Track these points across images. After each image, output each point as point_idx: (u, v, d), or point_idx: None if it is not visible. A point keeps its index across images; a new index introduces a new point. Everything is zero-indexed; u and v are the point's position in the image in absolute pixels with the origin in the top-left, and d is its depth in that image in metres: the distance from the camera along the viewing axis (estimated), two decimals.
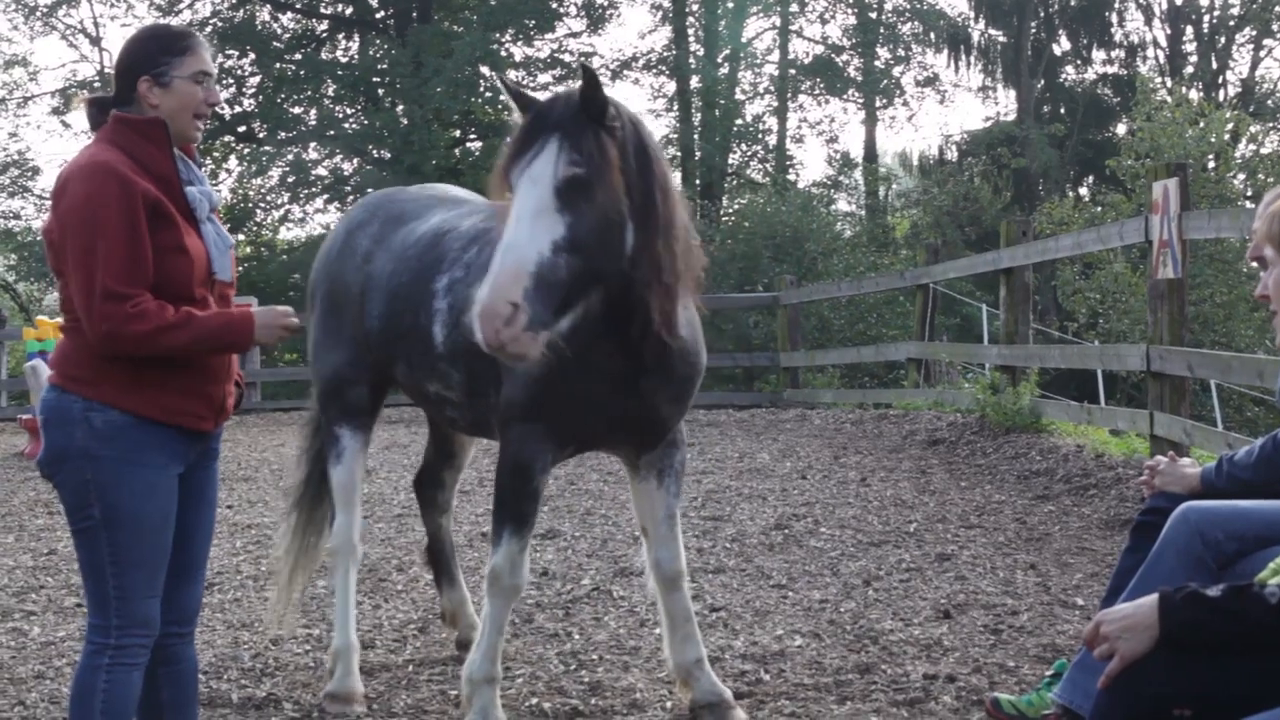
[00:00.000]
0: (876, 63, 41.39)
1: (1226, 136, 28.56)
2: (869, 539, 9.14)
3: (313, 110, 37.98)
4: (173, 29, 4.48)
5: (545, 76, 38.73)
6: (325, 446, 6.44)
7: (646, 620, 7.15)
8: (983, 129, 43.27)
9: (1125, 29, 45.24)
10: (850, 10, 42.33)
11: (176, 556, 4.39)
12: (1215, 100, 35.44)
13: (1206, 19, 44.67)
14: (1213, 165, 27.58)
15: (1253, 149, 30.84)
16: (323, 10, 40.42)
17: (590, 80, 4.59)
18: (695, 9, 40.12)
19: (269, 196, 39.17)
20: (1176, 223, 10.16)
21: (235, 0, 38.74)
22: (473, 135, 39.36)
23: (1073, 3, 44.25)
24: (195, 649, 4.67)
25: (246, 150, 38.58)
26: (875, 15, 42.13)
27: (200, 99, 4.35)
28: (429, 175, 31.29)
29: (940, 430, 13.90)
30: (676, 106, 40.27)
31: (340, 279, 6.33)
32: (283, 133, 36.74)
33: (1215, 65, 44.08)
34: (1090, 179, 41.78)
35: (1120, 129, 39.30)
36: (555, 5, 38.41)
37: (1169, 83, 37.05)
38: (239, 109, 38.55)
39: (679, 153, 39.89)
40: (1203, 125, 27.48)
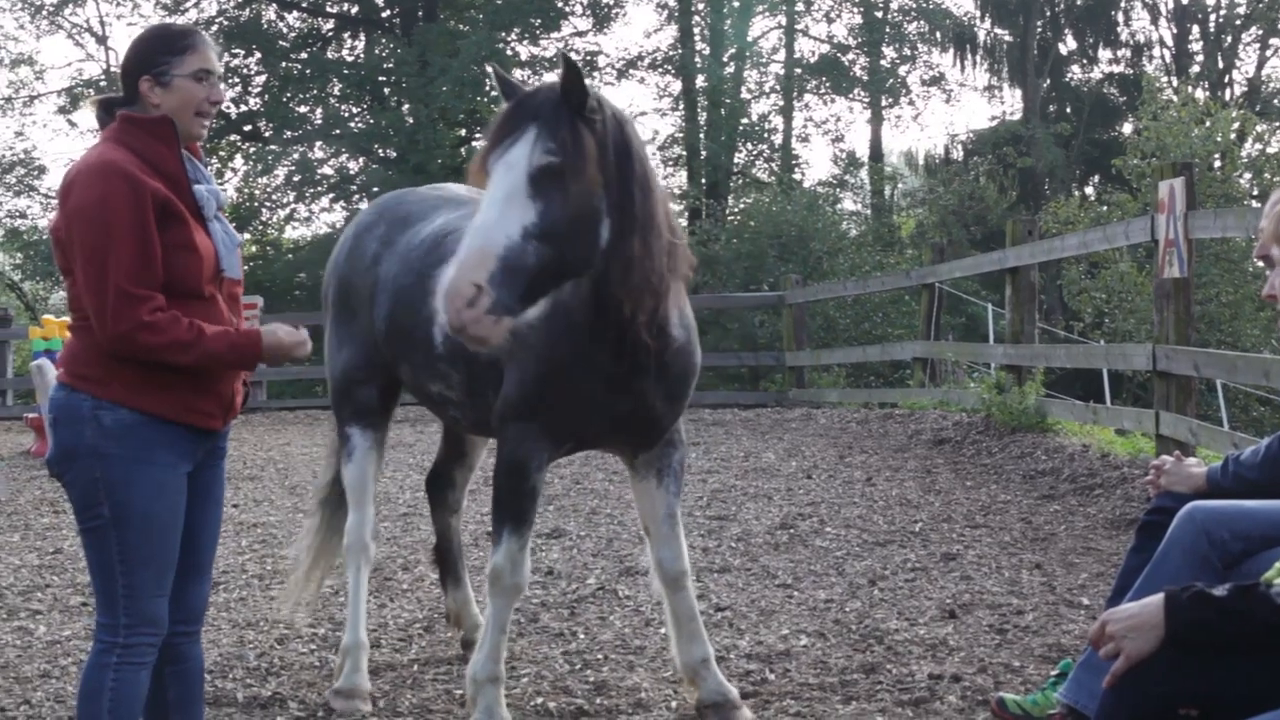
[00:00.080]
0: (882, 62, 41.31)
1: (1232, 136, 28.51)
2: (874, 539, 9.13)
3: (318, 109, 37.97)
4: (175, 28, 4.49)
5: (551, 76, 38.63)
6: (338, 446, 6.52)
7: (652, 620, 7.15)
8: (988, 128, 43.21)
9: (1131, 28, 45.17)
10: (856, 9, 42.28)
11: (183, 555, 4.39)
12: (1221, 99, 35.34)
13: (1213, 18, 44.59)
14: (1219, 164, 27.56)
15: (1259, 148, 30.77)
16: (329, 9, 40.40)
17: (571, 71, 4.59)
18: (701, 8, 40.05)
19: (275, 196, 39.18)
20: (1182, 222, 10.15)
21: None
22: (478, 134, 39.28)
23: (1079, 2, 44.16)
24: (202, 648, 4.67)
25: (252, 149, 38.56)
26: (881, 14, 42.05)
27: (202, 97, 4.34)
28: (435, 175, 31.29)
29: (946, 430, 13.90)
30: (682, 105, 40.22)
31: (349, 281, 6.36)
32: (288, 132, 36.72)
33: (1221, 64, 44.00)
34: (1096, 178, 41.67)
35: (1126, 128, 39.27)
36: (561, 4, 38.36)
37: (1175, 82, 37.05)
38: (245, 108, 38.54)
39: (684, 152, 39.89)
40: (1209, 124, 27.43)
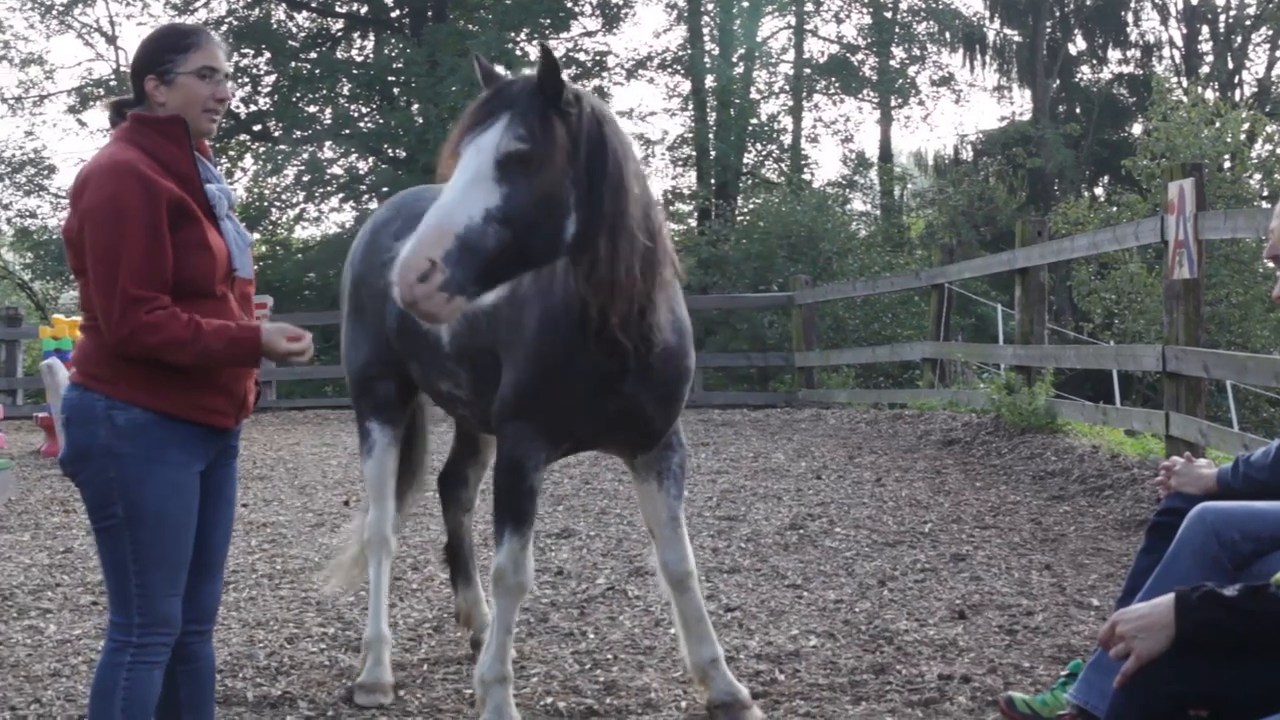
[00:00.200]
0: (892, 62, 41.33)
1: (1242, 136, 28.48)
2: (884, 539, 9.13)
3: (328, 109, 37.98)
4: (181, 27, 4.51)
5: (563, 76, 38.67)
6: (358, 441, 6.59)
7: (661, 620, 7.15)
8: (998, 129, 43.20)
9: (1141, 29, 45.21)
10: (865, 10, 42.27)
11: (195, 554, 4.40)
12: (1231, 100, 35.36)
13: (1222, 18, 44.58)
14: (1229, 165, 27.52)
15: (1269, 149, 30.73)
16: (338, 9, 40.43)
17: (548, 62, 4.59)
18: (710, 8, 40.08)
19: (284, 195, 39.18)
20: (1192, 223, 10.14)
21: None
22: None
23: (1088, 2, 44.18)
24: (213, 647, 4.68)
25: (262, 149, 38.59)
26: (890, 15, 42.08)
27: (207, 94, 4.35)
28: None
29: (955, 430, 13.89)
30: (691, 106, 40.23)
31: (365, 277, 6.40)
32: (298, 132, 36.74)
33: (1231, 65, 43.99)
34: (1106, 179, 41.70)
35: (1136, 129, 39.22)
36: (570, 4, 38.40)
37: (1185, 82, 36.98)
38: (254, 108, 38.56)
39: (694, 152, 39.91)
40: (1219, 125, 27.43)
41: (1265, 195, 27.78)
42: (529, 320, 5.21)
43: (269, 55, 38.11)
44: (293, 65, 37.81)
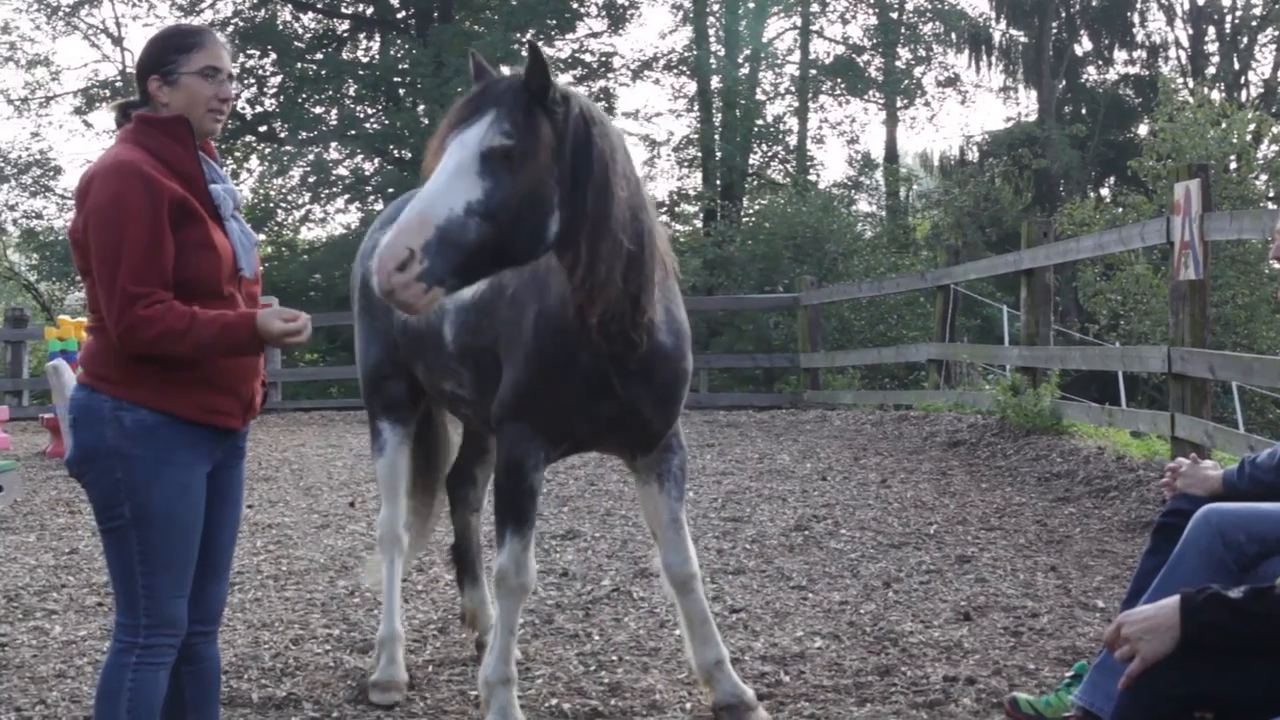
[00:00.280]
0: (897, 63, 41.33)
1: (1249, 137, 28.44)
2: (889, 541, 9.13)
3: (334, 110, 37.97)
4: (184, 28, 4.52)
5: (566, 77, 38.75)
6: (370, 440, 6.63)
7: (666, 621, 7.15)
8: (1004, 129, 43.17)
9: (1147, 29, 45.12)
10: (871, 10, 42.30)
11: (201, 555, 4.41)
12: (1237, 101, 35.25)
13: (1229, 19, 44.53)
14: (1235, 166, 27.51)
15: (1275, 150, 30.67)
16: (344, 10, 40.44)
17: (536, 60, 4.59)
18: (716, 9, 40.11)
19: (290, 196, 39.17)
20: (1198, 224, 10.14)
21: (256, 0, 38.77)
22: None
23: (1094, 3, 44.11)
24: (218, 648, 4.68)
25: (268, 150, 38.59)
26: (896, 15, 42.09)
27: (210, 94, 4.35)
28: None
29: (961, 432, 13.89)
30: (697, 107, 40.25)
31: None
32: (304, 133, 36.74)
33: (1237, 66, 43.94)
34: (1112, 180, 41.62)
35: (1142, 130, 39.22)
36: (576, 5, 38.40)
37: (1191, 83, 37.00)
38: (260, 109, 38.59)
39: (699, 153, 39.93)
40: (1225, 126, 27.38)
41: (1271, 196, 27.75)
42: (527, 321, 5.22)
43: (275, 56, 38.11)
44: (298, 66, 37.84)
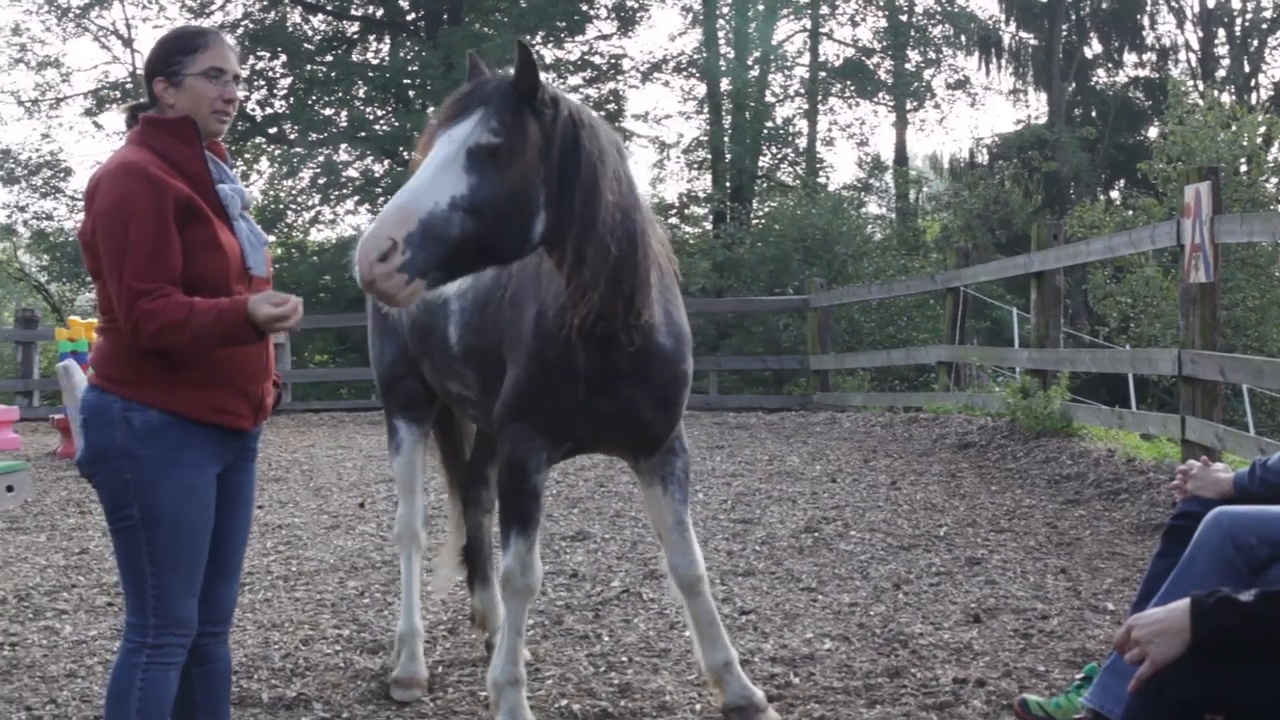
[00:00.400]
0: (907, 65, 41.32)
1: (1259, 140, 28.42)
2: (899, 542, 9.13)
3: (344, 112, 37.98)
4: (189, 29, 4.51)
5: (575, 79, 38.79)
6: (387, 438, 6.69)
7: (676, 623, 7.15)
8: (1014, 132, 43.16)
9: (1157, 32, 45.17)
10: (881, 13, 42.26)
11: (212, 556, 4.41)
12: (1247, 103, 35.26)
13: (1239, 22, 44.51)
14: (1245, 169, 27.47)
15: None
16: (353, 12, 40.46)
17: (525, 61, 4.60)
18: (726, 11, 40.08)
19: (300, 198, 39.16)
20: (1208, 226, 10.12)
21: (266, 2, 38.79)
22: None
23: (1104, 5, 44.13)
24: (229, 648, 4.69)
25: (277, 152, 38.61)
26: (906, 18, 42.05)
27: (214, 95, 4.36)
28: None
29: (970, 434, 13.87)
30: (707, 109, 40.23)
31: None
32: (314, 134, 36.76)
33: (1247, 68, 43.91)
34: (1122, 182, 41.64)
35: (1152, 132, 39.26)
36: (585, 7, 38.41)
37: (1201, 86, 36.91)
38: (270, 111, 38.58)
39: (709, 155, 39.91)
40: (1235, 129, 27.37)
41: None
42: (527, 320, 5.25)
43: (285, 58, 38.12)
44: (308, 68, 37.83)
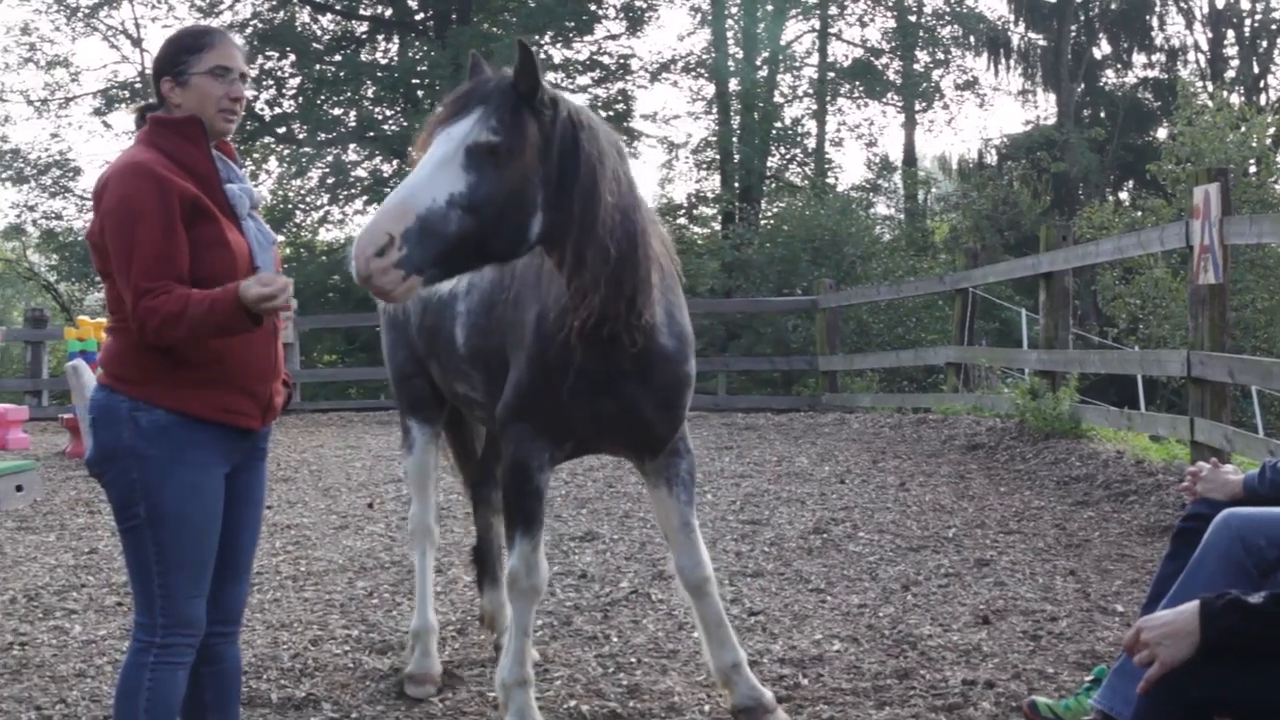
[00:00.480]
0: (916, 66, 41.28)
1: (1268, 141, 28.39)
2: (908, 544, 9.12)
3: (352, 112, 38.00)
4: (195, 29, 4.52)
5: (584, 79, 38.80)
6: (401, 437, 6.77)
7: (685, 623, 7.15)
8: (1022, 133, 43.16)
9: (1166, 33, 45.07)
10: (889, 13, 42.26)
11: (222, 556, 4.42)
12: (1257, 104, 35.21)
13: (1248, 23, 44.45)
14: (1254, 170, 27.46)
15: None
16: (362, 12, 40.47)
17: (525, 60, 4.60)
18: (734, 12, 40.06)
19: (308, 198, 39.18)
20: (1218, 228, 10.11)
21: (275, 2, 38.82)
22: None
23: (1113, 6, 44.07)
24: (239, 649, 4.69)
25: (286, 151, 38.64)
26: (915, 18, 42.03)
27: (220, 94, 4.37)
28: None
29: (979, 435, 13.86)
30: (715, 109, 40.24)
31: None
32: (322, 134, 36.78)
33: (1257, 69, 43.86)
34: (1130, 183, 41.57)
35: (1161, 133, 39.18)
36: (594, 7, 38.39)
37: (1210, 87, 36.89)
38: (279, 110, 38.61)
39: (718, 155, 39.91)
40: (1244, 130, 27.34)
41: None
42: (528, 321, 5.26)
43: (293, 58, 38.13)
44: (317, 68, 37.86)
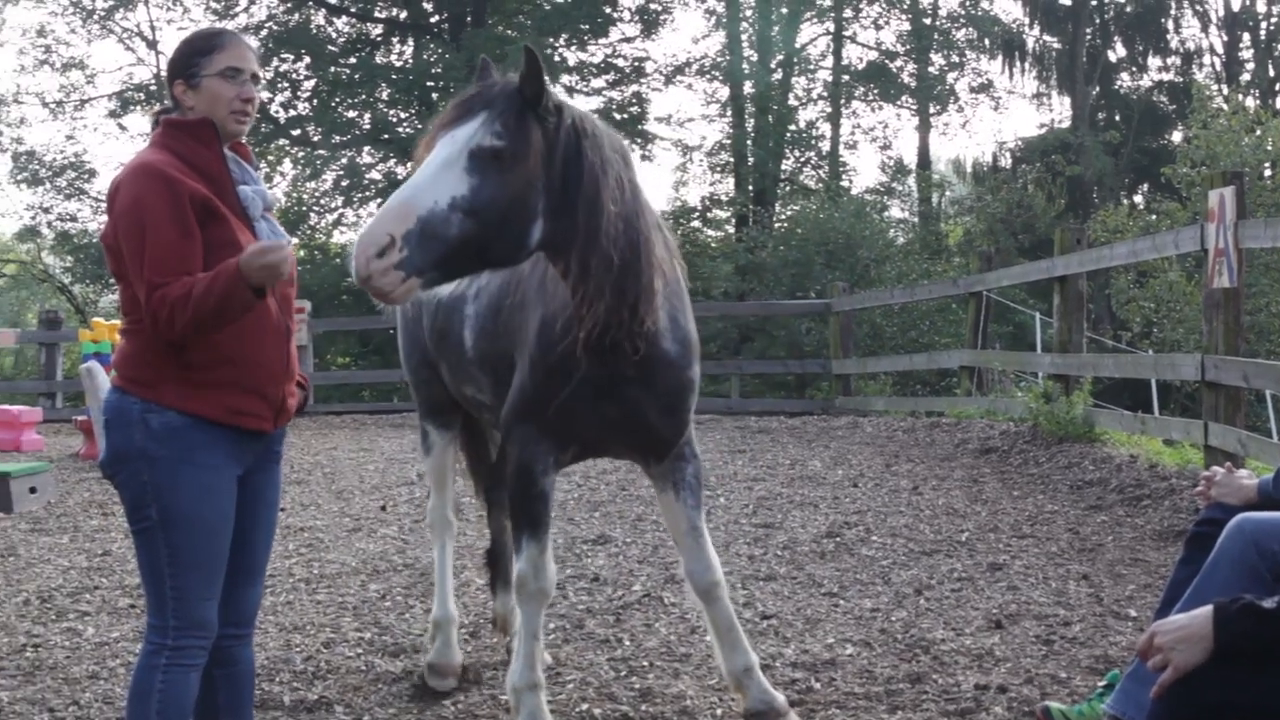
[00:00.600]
0: (930, 69, 41.28)
1: None
2: (921, 548, 9.11)
3: (367, 114, 38.09)
4: (207, 31, 4.53)
5: (599, 81, 38.84)
6: (420, 439, 6.86)
7: (697, 627, 7.14)
8: (1037, 136, 43.08)
9: (1181, 36, 44.99)
10: (904, 16, 42.23)
11: (236, 558, 4.42)
12: (1272, 108, 35.13)
13: (1264, 26, 44.36)
14: (1269, 173, 27.36)
15: None
16: (377, 14, 40.54)
17: (531, 66, 4.60)
18: (749, 14, 40.08)
19: (322, 200, 39.30)
20: (1232, 231, 10.09)
21: (290, 4, 38.89)
22: None
23: (1129, 9, 44.00)
24: (252, 651, 4.69)
25: (300, 154, 38.73)
26: (929, 21, 42.01)
27: (231, 95, 4.37)
28: None
29: (993, 439, 13.85)
30: (730, 112, 40.27)
31: None
32: (337, 136, 36.87)
33: (1272, 72, 43.74)
34: (1145, 187, 41.49)
35: (1176, 136, 39.13)
36: (609, 10, 38.43)
37: (1225, 90, 36.80)
38: (293, 113, 38.72)
39: (732, 158, 39.93)
40: (1259, 133, 27.24)
41: None
42: (532, 325, 5.27)
43: (308, 60, 38.22)
44: (332, 70, 37.94)
